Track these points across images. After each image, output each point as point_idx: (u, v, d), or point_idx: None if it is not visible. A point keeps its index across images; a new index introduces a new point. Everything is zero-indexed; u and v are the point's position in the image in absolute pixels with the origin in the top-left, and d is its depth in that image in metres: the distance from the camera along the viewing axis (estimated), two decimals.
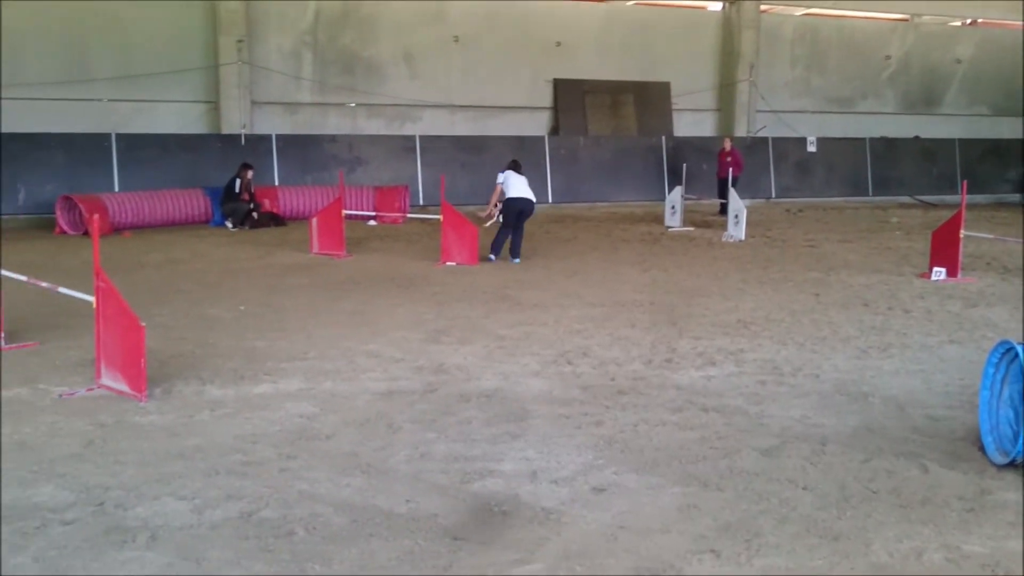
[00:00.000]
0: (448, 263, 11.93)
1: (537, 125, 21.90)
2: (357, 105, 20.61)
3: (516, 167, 12.68)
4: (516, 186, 12.39)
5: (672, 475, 4.80)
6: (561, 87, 21.97)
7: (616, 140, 21.89)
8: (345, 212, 12.92)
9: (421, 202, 19.26)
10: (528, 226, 16.98)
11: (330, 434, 5.40)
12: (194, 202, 16.50)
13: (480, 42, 21.07)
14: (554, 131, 21.90)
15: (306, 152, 19.06)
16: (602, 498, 4.50)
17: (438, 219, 12.33)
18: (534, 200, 12.60)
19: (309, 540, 4.00)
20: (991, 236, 12.69)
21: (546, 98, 22.06)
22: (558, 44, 21.73)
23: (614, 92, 22.44)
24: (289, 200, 17.29)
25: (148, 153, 17.53)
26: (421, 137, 20.15)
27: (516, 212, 12.34)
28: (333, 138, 19.64)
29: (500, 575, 3.71)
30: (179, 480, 4.65)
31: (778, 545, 3.99)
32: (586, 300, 9.63)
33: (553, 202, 20.66)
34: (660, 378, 6.70)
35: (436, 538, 4.03)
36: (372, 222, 16.69)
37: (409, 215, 16.45)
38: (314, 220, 13.15)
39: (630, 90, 22.57)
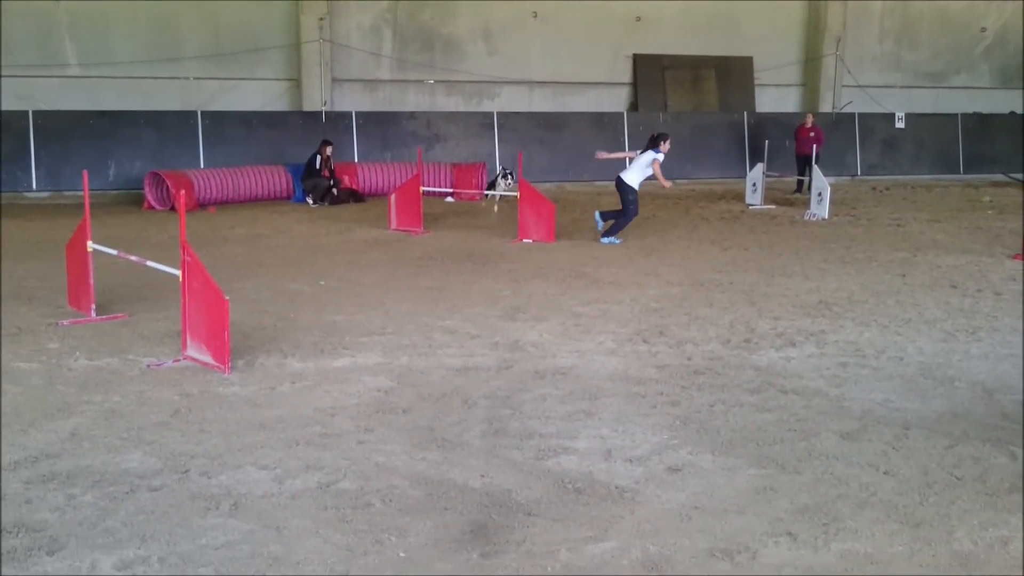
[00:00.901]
0: (525, 240, 11.94)
1: (616, 101, 21.69)
2: (436, 82, 20.69)
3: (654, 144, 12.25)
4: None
5: (748, 456, 4.74)
6: (641, 63, 21.70)
7: (696, 116, 21.56)
8: (423, 188, 13.01)
9: None
10: (607, 203, 16.91)
11: (407, 408, 5.47)
12: (276, 178, 16.81)
13: (559, 17, 20.91)
14: (633, 107, 21.67)
15: (385, 129, 19.22)
16: (677, 478, 4.47)
17: (515, 196, 12.33)
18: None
19: (385, 512, 4.07)
20: None
21: (626, 74, 21.82)
22: (638, 19, 21.44)
23: (695, 67, 22.08)
24: (368, 176, 17.48)
25: (232, 130, 17.92)
26: (499, 114, 20.13)
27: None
28: (412, 115, 19.76)
29: (573, 551, 3.72)
30: (261, 450, 4.76)
31: (857, 530, 3.91)
32: (664, 278, 9.54)
33: None
34: (738, 359, 6.61)
35: (510, 513, 4.06)
36: (450, 199, 16.78)
37: (487, 192, 16.49)
38: (392, 196, 13.28)
39: (711, 65, 22.17)
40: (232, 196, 16.06)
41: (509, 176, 11.95)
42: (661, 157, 12.06)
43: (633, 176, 12.08)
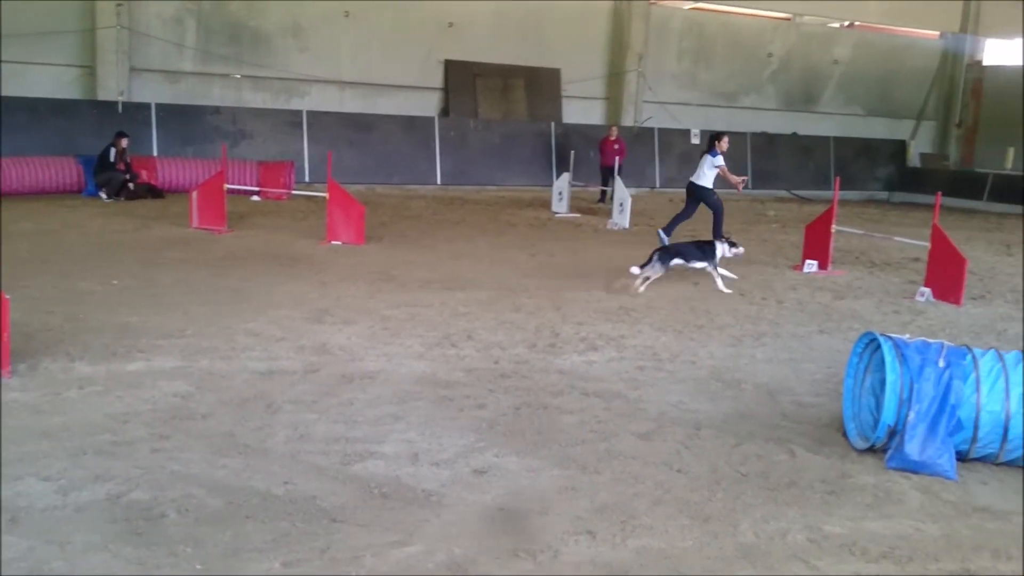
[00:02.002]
0: (334, 242, 11.76)
1: (428, 106, 21.76)
2: (243, 77, 20.06)
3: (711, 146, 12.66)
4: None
5: (552, 458, 4.87)
6: (452, 68, 21.88)
7: (506, 124, 21.96)
8: (227, 186, 12.57)
9: (307, 179, 18.91)
10: (416, 207, 16.92)
11: (206, 414, 5.27)
12: (66, 170, 15.79)
13: (371, 18, 20.77)
14: (444, 112, 21.81)
15: (187, 123, 18.46)
16: (482, 480, 4.53)
17: (324, 196, 12.14)
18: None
19: (181, 523, 3.90)
20: (860, 232, 13.25)
21: (437, 79, 21.94)
22: (450, 25, 21.61)
23: (505, 76, 22.48)
24: (168, 172, 16.73)
25: (17, 118, 16.66)
26: (308, 112, 19.77)
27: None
28: (216, 110, 19.08)
29: (378, 556, 3.69)
30: (43, 460, 4.46)
31: (652, 526, 4.10)
32: (473, 283, 9.64)
33: (442, 184, 20.61)
34: (543, 362, 6.77)
35: (314, 520, 3.98)
36: (256, 197, 16.30)
37: (294, 192, 16.12)
38: (194, 193, 12.76)
39: (521, 75, 22.64)
40: (16, 188, 14.95)
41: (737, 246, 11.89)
42: (718, 159, 12.48)
43: (703, 178, 12.62)
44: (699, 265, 10.05)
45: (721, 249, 10.14)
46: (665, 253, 10.03)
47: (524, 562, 3.71)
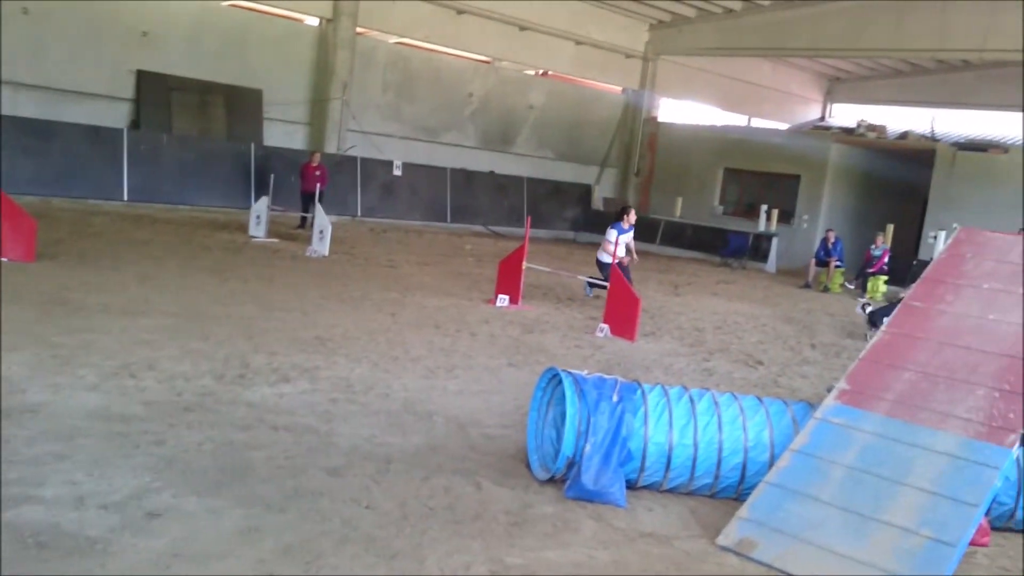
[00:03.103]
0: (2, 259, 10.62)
1: (117, 116, 20.32)
2: None
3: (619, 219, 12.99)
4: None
5: (235, 497, 4.65)
6: (145, 80, 20.61)
7: (203, 142, 21.01)
8: None
9: None
10: (99, 224, 15.73)
11: None
12: None
13: (55, 18, 19.11)
14: (135, 125, 20.50)
15: None
16: (157, 523, 4.23)
17: None
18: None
19: None
20: (548, 269, 14.00)
21: (128, 89, 20.55)
22: (144, 34, 20.38)
23: (203, 92, 21.52)
24: None
25: None
26: None
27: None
28: None
29: None
30: None
31: (337, 566, 4.02)
32: (158, 308, 9.07)
33: (129, 200, 19.29)
34: (231, 394, 6.49)
35: None
36: None
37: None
38: None
39: (220, 92, 21.79)
40: None
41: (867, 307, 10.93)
42: (613, 234, 12.93)
43: (604, 255, 12.93)
44: None
45: None
46: None
47: None
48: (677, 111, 31.19)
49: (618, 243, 12.94)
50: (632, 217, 13.56)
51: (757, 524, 4.90)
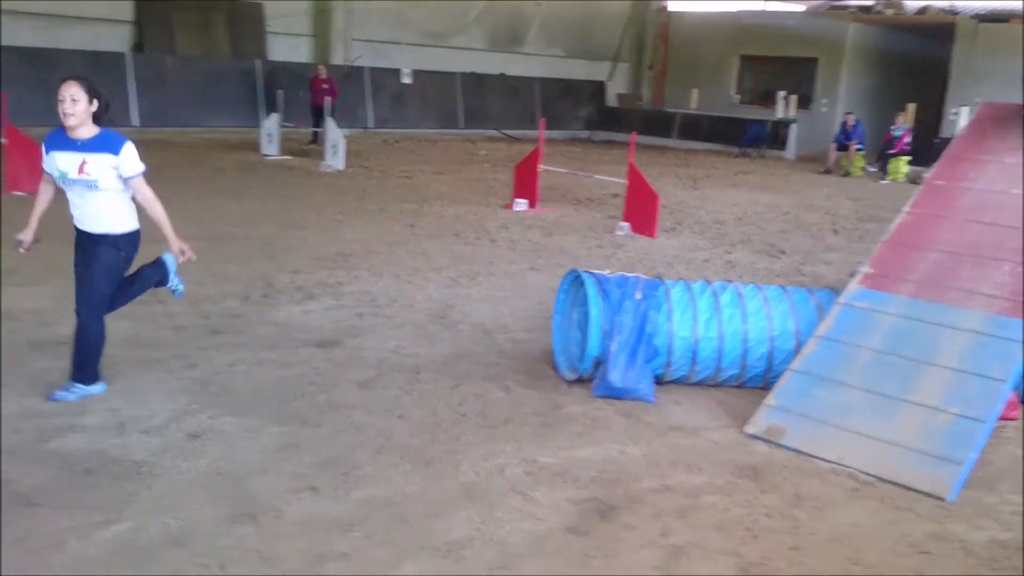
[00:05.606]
0: (16, 192, 10.65)
1: (119, 40, 20.05)
2: None
3: None
4: None
5: (270, 414, 4.75)
6: (143, 1, 20.28)
7: (208, 61, 20.75)
8: None
9: None
10: None
11: None
12: None
13: None
14: (138, 48, 20.23)
15: None
16: (197, 444, 4.34)
17: (2, 142, 10.93)
18: None
19: None
20: (565, 170, 13.90)
21: (127, 11, 20.22)
22: None
23: (204, 10, 21.14)
24: None
25: None
26: None
27: None
28: None
29: (84, 539, 3.44)
30: None
31: (374, 475, 4.12)
32: (179, 233, 9.08)
33: (140, 126, 19.20)
34: (258, 315, 6.57)
35: (7, 507, 3.63)
36: None
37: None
38: None
39: (221, 9, 21.40)
40: None
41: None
42: None
43: None
44: None
45: None
46: None
47: (245, 526, 3.60)
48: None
49: None
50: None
51: (784, 411, 4.96)
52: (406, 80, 23.59)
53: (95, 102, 4.68)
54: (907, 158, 19.00)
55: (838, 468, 4.53)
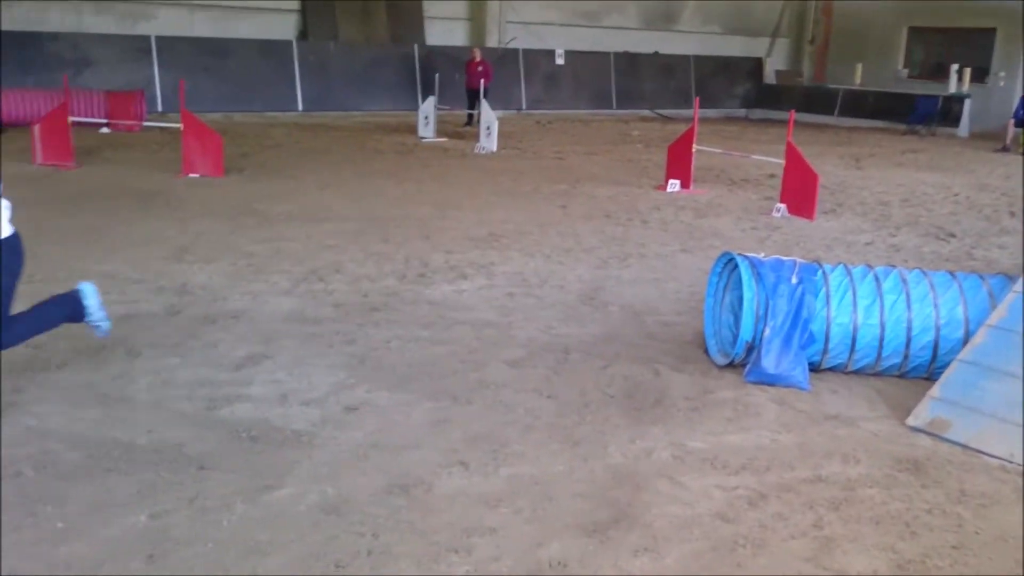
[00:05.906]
0: (191, 175, 11.32)
1: (285, 29, 20.95)
2: (81, 0, 18.82)
3: None
4: None
5: (423, 391, 4.88)
6: None
7: (368, 47, 21.40)
8: (72, 118, 11.87)
9: (160, 108, 18.05)
10: (278, 135, 16.42)
11: (61, 363, 5.04)
12: None
13: None
14: (303, 35, 21.06)
15: (23, 52, 17.25)
16: (354, 417, 4.50)
17: (178, 127, 11.62)
18: None
19: (39, 479, 3.75)
20: (719, 150, 13.60)
21: (294, 1, 21.09)
22: None
23: None
24: (8, 104, 15.64)
25: None
26: (157, 38, 18.75)
27: None
28: (55, 36, 17.87)
29: (249, 502, 3.64)
30: None
31: (523, 453, 4.17)
32: (339, 214, 9.47)
33: (304, 110, 20.02)
34: (413, 293, 6.74)
35: (180, 468, 3.89)
36: (105, 129, 15.47)
37: (146, 122, 15.36)
38: (36, 127, 12.00)
39: None
40: None
41: None
42: None
43: None
44: None
45: None
46: None
47: (398, 498, 3.72)
48: None
49: None
50: None
51: (950, 403, 4.71)
52: (559, 61, 23.61)
53: None
54: None
55: (1007, 465, 4.28)
